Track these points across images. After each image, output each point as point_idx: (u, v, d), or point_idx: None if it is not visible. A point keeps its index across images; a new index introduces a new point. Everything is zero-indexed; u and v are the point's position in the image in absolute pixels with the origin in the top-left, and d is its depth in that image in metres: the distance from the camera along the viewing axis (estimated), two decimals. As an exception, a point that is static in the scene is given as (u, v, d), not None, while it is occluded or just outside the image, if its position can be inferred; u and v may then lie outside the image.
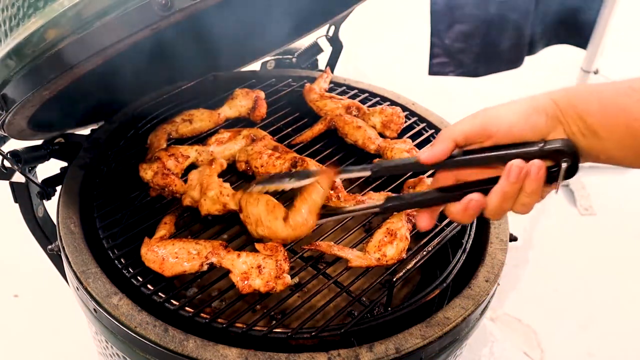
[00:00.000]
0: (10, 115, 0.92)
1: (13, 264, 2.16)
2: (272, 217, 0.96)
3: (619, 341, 2.02)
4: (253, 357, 0.83)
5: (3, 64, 0.84)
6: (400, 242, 1.00)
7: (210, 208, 1.05)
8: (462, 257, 1.03)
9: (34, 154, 1.15)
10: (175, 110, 1.34)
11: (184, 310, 0.89)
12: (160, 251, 0.96)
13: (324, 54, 1.69)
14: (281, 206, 0.98)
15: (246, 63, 1.59)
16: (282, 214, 0.96)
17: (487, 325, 2.06)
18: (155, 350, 0.85)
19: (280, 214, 0.96)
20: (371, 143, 1.26)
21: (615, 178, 2.89)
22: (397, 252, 0.99)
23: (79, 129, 1.32)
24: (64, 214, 1.07)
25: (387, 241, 1.00)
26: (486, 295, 0.97)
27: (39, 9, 0.78)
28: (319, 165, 1.15)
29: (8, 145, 1.13)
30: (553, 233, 2.51)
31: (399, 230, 1.02)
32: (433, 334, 0.89)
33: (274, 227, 0.96)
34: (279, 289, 0.91)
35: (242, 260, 0.93)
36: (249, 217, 0.99)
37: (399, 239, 1.00)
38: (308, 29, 1.53)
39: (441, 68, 2.31)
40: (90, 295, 0.92)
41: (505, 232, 1.11)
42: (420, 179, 1.14)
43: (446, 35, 2.21)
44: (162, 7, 0.74)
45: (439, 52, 2.26)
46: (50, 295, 1.97)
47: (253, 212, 0.99)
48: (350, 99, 1.41)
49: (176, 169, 1.15)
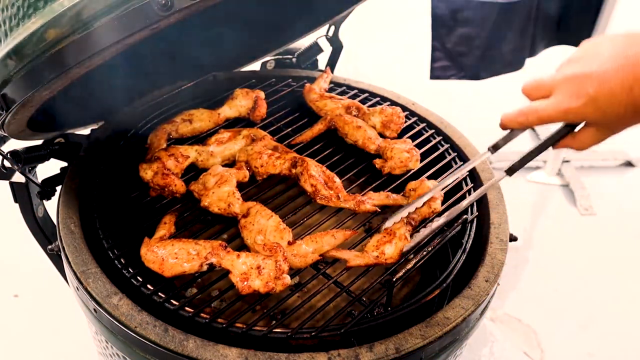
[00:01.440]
0: (10, 115, 0.91)
1: (13, 264, 2.16)
2: (278, 234, 0.99)
3: (619, 341, 2.02)
4: (253, 357, 0.83)
5: (3, 64, 0.84)
6: (399, 241, 1.00)
7: (214, 202, 1.06)
8: (462, 257, 1.03)
9: (34, 154, 1.15)
10: (175, 110, 1.34)
11: (184, 310, 0.89)
12: (160, 252, 0.96)
13: (324, 54, 1.69)
14: (290, 232, 1.00)
15: (246, 63, 1.59)
16: (288, 238, 0.99)
17: (487, 325, 2.06)
18: (155, 350, 0.85)
19: (287, 237, 0.99)
20: (371, 143, 1.26)
21: (615, 178, 2.89)
22: (396, 250, 0.99)
23: (79, 129, 1.32)
24: (64, 214, 1.07)
25: (386, 240, 1.00)
26: (486, 295, 0.97)
27: (39, 9, 0.78)
28: (319, 165, 1.15)
29: (8, 145, 1.13)
30: (553, 233, 2.51)
31: (398, 230, 1.02)
32: (433, 334, 0.89)
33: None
34: (279, 290, 0.91)
35: (241, 260, 0.93)
36: (254, 224, 1.01)
37: (397, 237, 1.00)
38: (308, 29, 1.53)
39: (443, 72, 2.31)
40: (90, 295, 0.92)
41: (505, 232, 1.11)
42: (422, 181, 1.13)
43: (448, 39, 2.21)
44: (162, 7, 0.74)
45: (440, 56, 2.26)
46: (50, 295, 1.97)
47: (260, 222, 1.01)
48: (350, 99, 1.41)
49: (176, 169, 1.15)
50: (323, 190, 1.10)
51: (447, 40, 2.22)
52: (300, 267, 0.98)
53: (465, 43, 2.22)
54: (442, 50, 2.24)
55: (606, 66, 0.73)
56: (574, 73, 0.77)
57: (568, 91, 0.77)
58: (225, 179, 1.10)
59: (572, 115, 0.78)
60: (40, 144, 1.20)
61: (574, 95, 0.76)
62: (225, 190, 1.07)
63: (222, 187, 1.08)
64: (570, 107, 0.77)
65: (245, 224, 1.02)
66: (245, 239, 1.02)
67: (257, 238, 0.99)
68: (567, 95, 0.77)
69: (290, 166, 1.15)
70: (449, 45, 2.23)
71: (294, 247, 0.97)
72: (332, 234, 1.00)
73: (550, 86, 0.80)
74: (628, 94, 0.71)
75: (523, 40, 2.28)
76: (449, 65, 2.29)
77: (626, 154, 2.97)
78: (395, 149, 1.22)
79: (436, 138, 1.35)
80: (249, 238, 1.01)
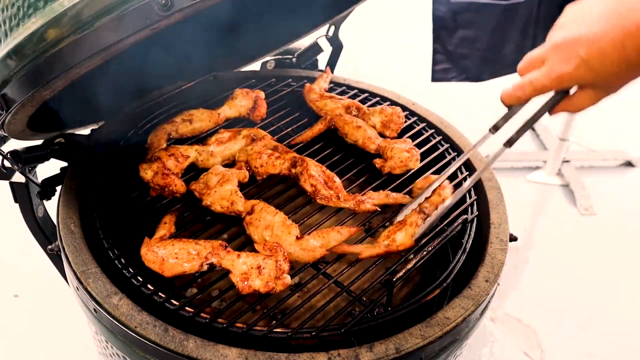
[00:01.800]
0: (10, 115, 0.91)
1: (13, 264, 2.16)
2: (285, 229, 1.00)
3: (619, 341, 2.02)
4: (253, 357, 0.83)
5: (3, 64, 0.84)
6: (409, 227, 1.00)
7: (217, 201, 1.06)
8: (462, 257, 1.03)
9: (34, 154, 1.15)
10: (175, 110, 1.34)
11: (184, 310, 0.89)
12: (160, 252, 0.96)
13: (324, 54, 1.69)
14: (297, 228, 1.01)
15: (246, 63, 1.59)
16: (296, 232, 0.99)
17: (487, 325, 2.06)
18: (155, 350, 0.85)
19: (294, 232, 0.99)
20: (371, 143, 1.26)
21: (615, 178, 2.89)
22: (407, 236, 0.99)
23: (79, 129, 1.32)
24: (64, 214, 1.07)
25: (397, 229, 1.01)
26: (486, 295, 0.97)
27: (39, 9, 0.78)
28: (319, 165, 1.15)
29: (8, 145, 1.13)
30: (553, 233, 2.51)
31: (409, 217, 1.02)
32: (433, 334, 0.89)
33: (283, 238, 0.99)
34: (279, 290, 0.91)
35: (242, 260, 0.93)
36: (260, 220, 1.01)
37: (408, 224, 1.01)
38: (308, 29, 1.53)
39: (444, 74, 2.31)
40: (90, 295, 0.92)
41: (505, 232, 1.11)
42: (427, 178, 1.13)
43: (449, 41, 2.21)
44: (162, 7, 0.74)
45: (441, 58, 2.26)
46: (50, 295, 1.97)
47: (267, 218, 1.02)
48: (350, 99, 1.41)
49: (176, 169, 1.15)
50: (323, 190, 1.10)
51: (448, 43, 2.22)
52: (308, 262, 0.99)
53: (466, 45, 2.22)
54: (443, 53, 2.24)
55: (596, 27, 0.73)
56: (564, 38, 0.77)
57: (558, 57, 0.77)
58: (227, 178, 1.10)
59: (567, 81, 0.78)
60: (40, 144, 1.20)
61: (565, 61, 0.76)
62: (227, 189, 1.07)
63: (225, 186, 1.08)
64: (562, 72, 0.77)
65: (251, 220, 1.03)
66: (252, 235, 1.02)
67: (265, 233, 0.99)
68: (558, 61, 0.78)
69: (290, 166, 1.15)
70: (450, 47, 2.23)
71: (302, 241, 0.98)
72: (338, 229, 1.02)
73: (542, 57, 0.81)
74: (620, 51, 0.71)
75: (524, 41, 2.28)
76: (450, 67, 2.29)
77: (626, 154, 2.96)
78: (395, 149, 1.22)
79: (436, 138, 1.35)
80: (255, 234, 1.01)
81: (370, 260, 1.01)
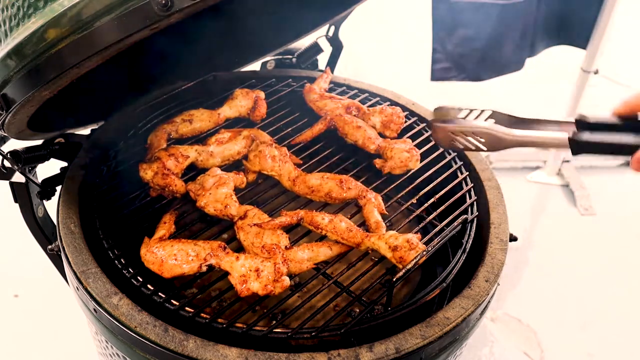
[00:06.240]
0: (10, 115, 0.92)
1: (13, 264, 2.16)
2: (275, 239, 0.99)
3: (619, 341, 2.02)
4: (253, 357, 0.83)
5: (3, 64, 0.84)
6: (418, 250, 0.97)
7: (211, 203, 1.06)
8: (462, 257, 1.03)
9: (34, 154, 1.15)
10: (175, 110, 1.34)
11: (184, 310, 0.89)
12: (159, 252, 0.96)
13: (324, 54, 1.69)
14: (287, 237, 1.00)
15: (246, 63, 1.59)
16: (285, 242, 0.99)
17: (487, 325, 2.06)
18: (155, 350, 0.85)
19: (283, 242, 0.99)
20: (371, 143, 1.26)
21: (615, 178, 2.89)
22: (412, 256, 0.96)
23: (79, 129, 1.32)
24: (64, 214, 1.07)
25: (410, 247, 0.97)
26: (486, 295, 0.97)
27: (39, 9, 0.78)
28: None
29: (8, 145, 1.13)
30: (553, 233, 2.51)
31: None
32: (433, 334, 0.89)
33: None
34: (277, 292, 0.91)
35: (240, 262, 0.93)
36: (251, 227, 1.01)
37: (420, 247, 0.97)
38: (308, 29, 1.53)
39: (444, 74, 2.31)
40: (90, 295, 0.92)
41: (505, 232, 1.11)
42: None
43: (448, 41, 2.22)
44: (162, 7, 0.74)
45: (441, 57, 2.26)
46: (50, 295, 1.97)
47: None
48: (350, 99, 1.41)
49: (176, 169, 1.15)
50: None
51: (447, 42, 2.22)
52: (294, 273, 0.98)
53: (465, 44, 2.23)
54: (442, 52, 2.25)
55: None
56: None
57: None
58: (224, 181, 1.10)
59: None
60: (40, 144, 1.20)
61: None
62: (223, 192, 1.07)
63: (220, 189, 1.07)
64: None
65: (242, 225, 1.03)
66: (242, 240, 1.02)
67: (255, 240, 0.99)
68: None
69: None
70: (450, 46, 2.23)
71: (290, 252, 0.97)
72: (329, 245, 1.00)
73: None
74: None
75: (523, 41, 2.28)
76: (450, 66, 2.29)
77: (626, 154, 2.96)
78: (395, 149, 1.22)
79: (436, 138, 1.34)
80: (245, 240, 1.01)
81: (370, 261, 1.01)
